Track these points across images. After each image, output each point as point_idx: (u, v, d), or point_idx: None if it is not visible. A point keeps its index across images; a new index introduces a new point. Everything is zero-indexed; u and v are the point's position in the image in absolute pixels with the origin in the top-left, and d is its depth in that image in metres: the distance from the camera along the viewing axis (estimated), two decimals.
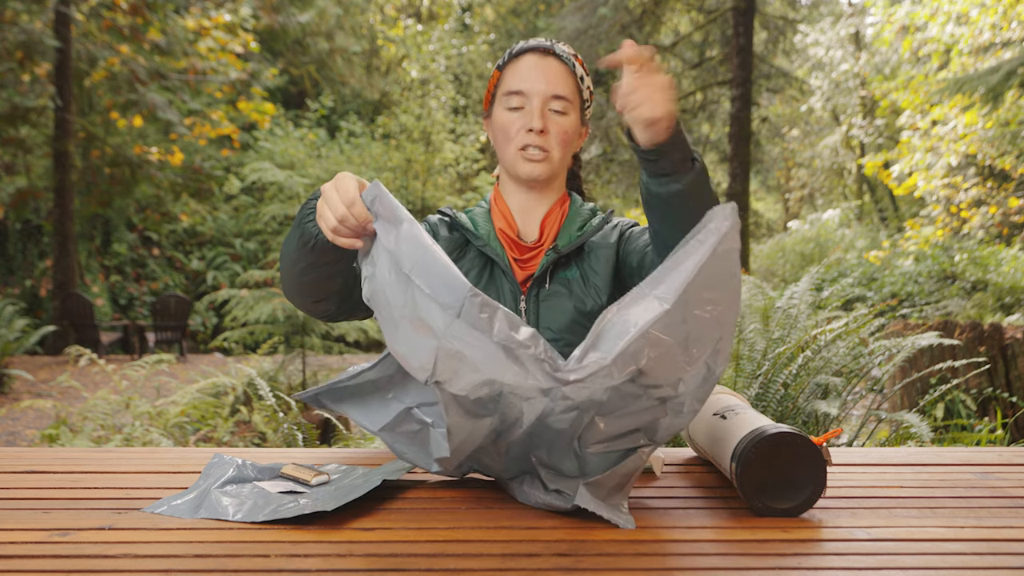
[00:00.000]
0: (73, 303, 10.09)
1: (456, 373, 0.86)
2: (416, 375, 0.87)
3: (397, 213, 0.91)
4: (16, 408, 5.69)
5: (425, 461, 1.00)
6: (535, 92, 1.26)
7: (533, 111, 1.26)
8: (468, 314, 0.84)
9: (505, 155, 1.30)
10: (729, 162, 11.86)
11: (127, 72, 10.86)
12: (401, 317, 0.88)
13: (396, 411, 1.01)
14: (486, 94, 1.37)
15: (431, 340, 0.86)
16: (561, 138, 1.28)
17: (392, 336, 0.89)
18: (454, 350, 0.85)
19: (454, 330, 0.85)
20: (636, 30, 12.74)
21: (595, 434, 0.90)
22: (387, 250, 0.90)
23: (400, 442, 1.02)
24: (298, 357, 5.33)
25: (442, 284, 0.85)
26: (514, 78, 1.28)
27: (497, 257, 1.27)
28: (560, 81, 1.27)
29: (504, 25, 20.05)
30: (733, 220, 0.86)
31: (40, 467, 1.13)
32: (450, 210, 1.35)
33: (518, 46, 1.32)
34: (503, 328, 0.85)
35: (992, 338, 4.20)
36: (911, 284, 9.51)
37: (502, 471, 0.98)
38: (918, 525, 0.87)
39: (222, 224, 14.36)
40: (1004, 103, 9.50)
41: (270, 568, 0.74)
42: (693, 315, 0.85)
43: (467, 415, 0.89)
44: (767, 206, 23.89)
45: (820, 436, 1.00)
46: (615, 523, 0.86)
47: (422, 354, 0.86)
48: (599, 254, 1.29)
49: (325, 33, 16.43)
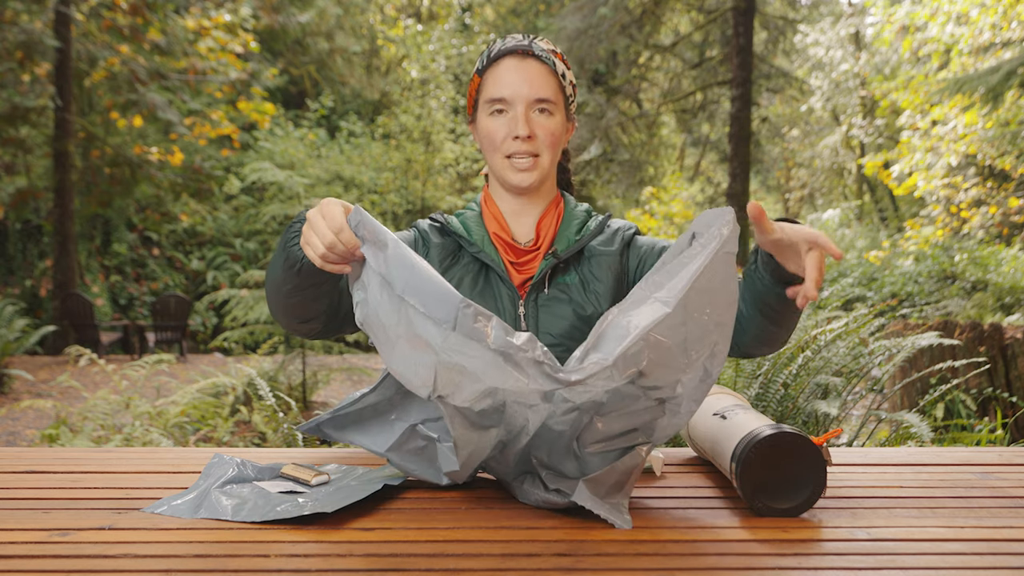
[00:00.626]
0: (73, 303, 10.09)
1: (457, 386, 0.86)
2: (418, 392, 0.88)
3: (381, 236, 0.92)
4: (16, 408, 5.69)
5: (435, 475, 1.00)
6: (518, 98, 1.24)
7: (518, 117, 1.23)
8: (463, 325, 0.85)
9: (493, 163, 1.28)
10: (729, 162, 11.87)
11: (127, 72, 10.86)
12: (397, 337, 0.89)
13: (401, 430, 1.02)
14: (468, 99, 1.34)
15: (430, 356, 0.86)
16: (549, 140, 1.26)
17: (390, 357, 0.90)
18: (453, 363, 0.86)
19: (451, 343, 0.85)
20: (636, 30, 12.75)
21: (594, 434, 0.91)
22: (377, 273, 0.91)
23: (408, 460, 1.02)
24: (298, 357, 5.33)
25: (434, 300, 0.86)
26: (495, 85, 1.25)
27: (492, 263, 1.25)
28: (542, 83, 1.24)
29: (504, 25, 20.05)
30: (733, 225, 0.86)
31: (40, 467, 1.13)
32: (441, 216, 1.32)
33: (495, 48, 1.28)
34: (499, 335, 0.85)
35: (992, 338, 4.20)
36: (911, 284, 9.51)
37: (505, 473, 0.98)
38: (918, 525, 0.87)
39: (222, 224, 14.37)
40: (1004, 103, 9.50)
41: (270, 568, 0.74)
42: (692, 318, 0.85)
43: (472, 427, 0.90)
44: (767, 206, 23.88)
45: (820, 436, 1.00)
46: (612, 523, 0.86)
47: (422, 370, 0.87)
48: (600, 261, 1.27)
49: (325, 33, 16.43)
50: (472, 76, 1.33)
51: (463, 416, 0.89)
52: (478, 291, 1.25)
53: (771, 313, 1.09)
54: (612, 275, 1.27)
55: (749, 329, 1.14)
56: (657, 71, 14.96)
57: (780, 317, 1.09)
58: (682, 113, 15.64)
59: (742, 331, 1.14)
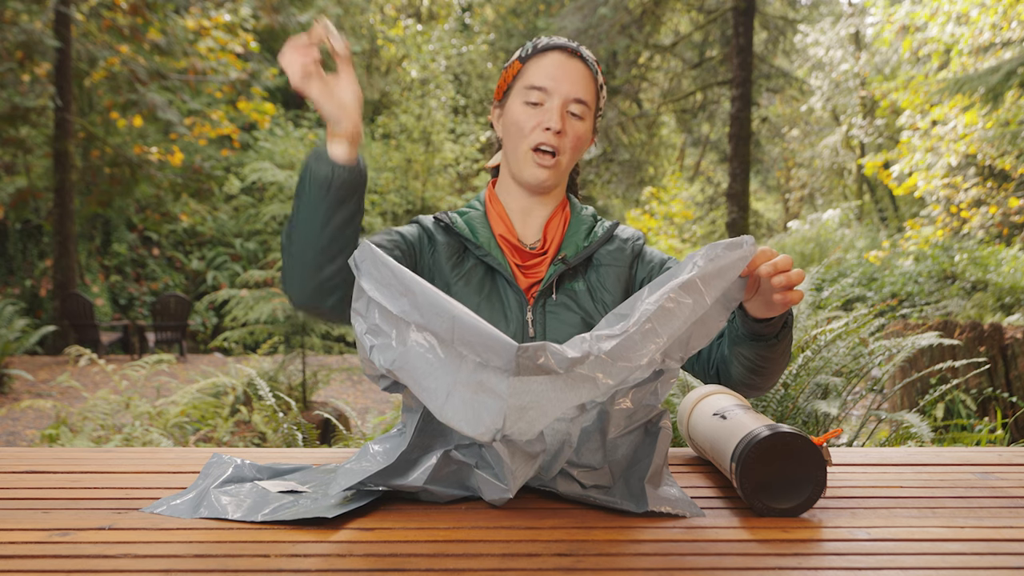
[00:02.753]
0: (73, 303, 10.09)
1: (531, 423, 0.84)
2: (479, 439, 0.84)
3: (404, 282, 0.87)
4: (16, 408, 5.69)
5: (465, 494, 0.98)
6: (558, 91, 1.23)
7: (553, 110, 1.22)
8: (526, 368, 0.82)
9: (516, 151, 1.26)
10: (729, 162, 11.87)
11: (127, 72, 10.86)
12: (456, 384, 0.84)
13: (433, 460, 0.96)
14: (500, 83, 1.32)
15: (496, 401, 0.83)
16: (574, 143, 1.25)
17: (441, 405, 0.85)
18: (521, 405, 0.83)
19: (518, 385, 0.83)
20: (636, 30, 12.75)
21: (615, 420, 0.94)
22: (403, 320, 0.87)
23: (447, 486, 0.97)
24: (298, 357, 5.33)
25: (489, 351, 0.83)
26: (538, 73, 1.24)
27: (499, 266, 1.23)
28: (583, 85, 1.24)
29: (504, 25, 20.05)
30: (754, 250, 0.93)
31: (40, 467, 1.13)
32: (446, 215, 1.30)
33: (543, 41, 1.28)
34: (560, 357, 0.83)
35: (992, 338, 4.20)
36: (911, 284, 9.51)
37: (539, 478, 0.98)
38: (918, 525, 0.87)
39: (222, 224, 14.37)
40: (1004, 103, 9.51)
41: (270, 568, 0.74)
42: (701, 293, 0.89)
43: (527, 458, 0.90)
44: (767, 206, 23.89)
45: (820, 436, 1.00)
46: (685, 514, 0.90)
47: (487, 416, 0.83)
48: (609, 271, 1.26)
49: None
50: (512, 62, 1.30)
51: (521, 450, 0.88)
52: (485, 295, 1.23)
53: (746, 361, 1.13)
54: (621, 286, 1.26)
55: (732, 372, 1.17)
56: (657, 71, 14.96)
57: (756, 364, 1.13)
58: (682, 113, 15.65)
59: (727, 373, 1.18)
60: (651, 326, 0.86)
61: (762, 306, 1.00)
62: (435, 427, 0.96)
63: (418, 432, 0.95)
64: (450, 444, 0.96)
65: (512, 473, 0.89)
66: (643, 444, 0.96)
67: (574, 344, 0.85)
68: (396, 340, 0.88)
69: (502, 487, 0.92)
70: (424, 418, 0.95)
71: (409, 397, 0.97)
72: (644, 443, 0.96)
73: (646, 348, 0.86)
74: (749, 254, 0.91)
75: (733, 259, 0.91)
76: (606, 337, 0.86)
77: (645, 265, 1.29)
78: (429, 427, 0.96)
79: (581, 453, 0.95)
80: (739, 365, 1.14)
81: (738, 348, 1.11)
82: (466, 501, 0.97)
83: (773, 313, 1.00)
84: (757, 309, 1.02)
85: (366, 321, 0.91)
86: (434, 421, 0.95)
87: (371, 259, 0.90)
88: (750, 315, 1.04)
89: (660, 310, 0.86)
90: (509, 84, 1.29)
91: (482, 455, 0.95)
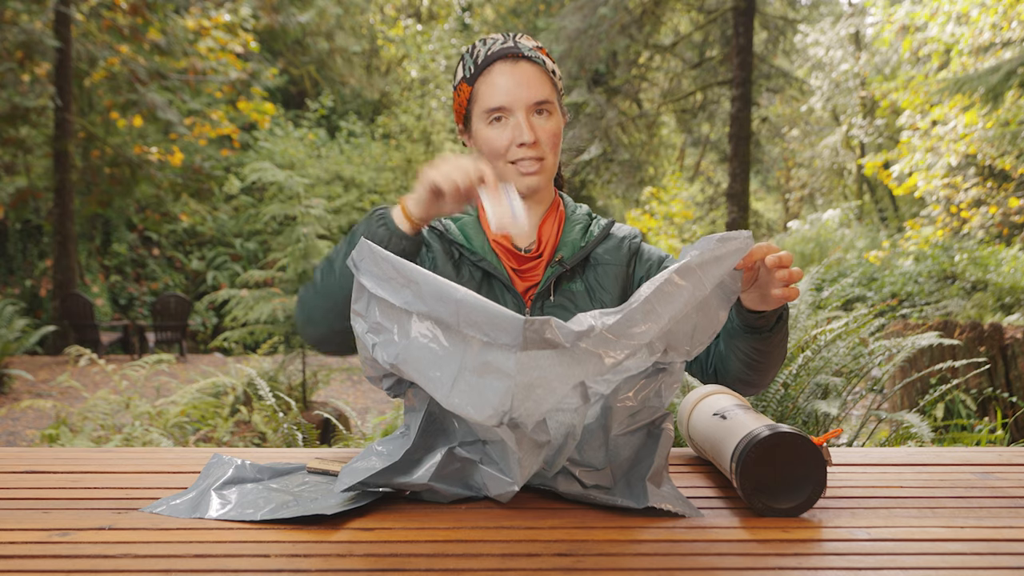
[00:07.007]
0: (73, 303, 10.09)
1: (537, 402, 0.85)
2: (486, 422, 0.84)
3: (406, 273, 0.88)
4: (16, 408, 5.69)
5: (468, 493, 0.98)
6: (517, 104, 1.20)
7: (521, 124, 1.20)
8: (534, 342, 0.82)
9: (498, 168, 1.23)
10: (729, 162, 11.86)
11: (127, 72, 10.86)
12: (460, 370, 0.85)
13: (438, 457, 0.96)
14: (456, 107, 1.28)
15: (503, 381, 0.83)
16: (552, 141, 1.23)
17: (447, 392, 0.85)
18: (529, 382, 0.84)
19: (526, 362, 0.83)
20: (636, 30, 12.74)
21: (619, 419, 0.95)
22: (406, 311, 0.88)
23: (451, 484, 0.97)
24: (298, 357, 5.32)
25: (494, 328, 0.83)
26: (491, 93, 1.20)
27: (495, 271, 1.22)
28: (538, 85, 1.21)
29: (504, 25, 20.04)
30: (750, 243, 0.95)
31: (40, 467, 1.13)
32: (440, 222, 1.28)
33: (481, 54, 1.23)
34: (567, 332, 0.84)
35: (992, 338, 4.20)
36: (911, 284, 9.50)
37: (541, 475, 0.98)
38: (918, 525, 0.87)
39: (222, 224, 14.37)
40: (1004, 103, 9.50)
41: (270, 568, 0.74)
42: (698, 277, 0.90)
43: (534, 446, 0.90)
44: (767, 206, 23.88)
45: (820, 436, 1.00)
46: (683, 514, 0.90)
47: (494, 397, 0.83)
48: (607, 270, 1.26)
49: (325, 33, 16.43)
50: (458, 85, 1.26)
51: (528, 437, 0.88)
52: None
53: (742, 355, 1.14)
54: (619, 286, 1.26)
55: (729, 367, 1.18)
56: (657, 71, 14.96)
57: (752, 359, 1.13)
58: (682, 113, 15.64)
59: (724, 371, 1.19)
60: (651, 306, 0.87)
61: (759, 299, 1.02)
62: (438, 426, 0.96)
63: (421, 432, 0.95)
64: (454, 441, 0.97)
65: (519, 463, 0.89)
66: (646, 446, 0.97)
67: (578, 320, 0.86)
68: (398, 334, 0.89)
69: (508, 481, 0.92)
70: (427, 417, 0.95)
71: (411, 398, 0.98)
72: (647, 445, 0.97)
73: (647, 325, 0.87)
74: (745, 247, 0.92)
75: (729, 250, 0.92)
76: (609, 313, 0.87)
77: (643, 263, 1.29)
78: (432, 426, 0.96)
79: (584, 451, 0.96)
80: (736, 360, 1.14)
81: (734, 341, 1.12)
82: (466, 501, 0.97)
83: (769, 307, 1.02)
84: (754, 302, 1.03)
85: (367, 320, 0.92)
86: (437, 420, 0.96)
87: (370, 256, 0.90)
88: (745, 307, 1.05)
89: (659, 292, 0.88)
90: (467, 109, 1.26)
91: (486, 451, 0.95)
